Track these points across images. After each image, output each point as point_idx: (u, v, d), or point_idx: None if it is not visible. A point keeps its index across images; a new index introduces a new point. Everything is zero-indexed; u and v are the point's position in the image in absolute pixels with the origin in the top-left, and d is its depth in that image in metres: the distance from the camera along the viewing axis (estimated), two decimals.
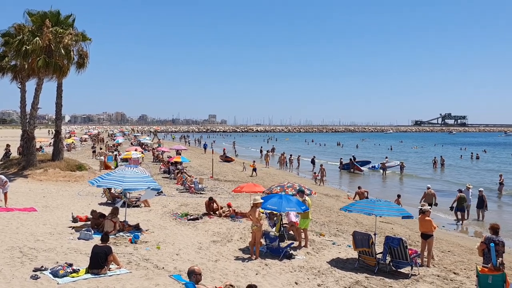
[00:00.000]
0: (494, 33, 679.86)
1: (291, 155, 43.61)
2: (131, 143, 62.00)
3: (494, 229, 9.68)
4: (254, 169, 33.27)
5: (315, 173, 29.25)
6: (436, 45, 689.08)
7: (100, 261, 9.34)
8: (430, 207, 12.61)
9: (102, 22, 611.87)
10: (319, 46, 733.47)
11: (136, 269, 9.84)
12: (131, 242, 12.17)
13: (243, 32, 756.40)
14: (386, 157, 46.24)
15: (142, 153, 37.93)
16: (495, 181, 34.51)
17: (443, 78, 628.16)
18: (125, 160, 32.98)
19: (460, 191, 20.64)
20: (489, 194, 24.49)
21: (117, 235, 12.84)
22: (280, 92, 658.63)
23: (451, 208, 20.48)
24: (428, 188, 21.31)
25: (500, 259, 9.02)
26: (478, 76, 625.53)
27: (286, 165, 42.76)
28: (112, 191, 18.58)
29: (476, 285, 9.06)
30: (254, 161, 35.81)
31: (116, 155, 35.70)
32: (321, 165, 32.62)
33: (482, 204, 20.15)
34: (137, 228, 13.70)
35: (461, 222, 19.90)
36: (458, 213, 20.14)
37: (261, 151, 54.01)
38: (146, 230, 13.66)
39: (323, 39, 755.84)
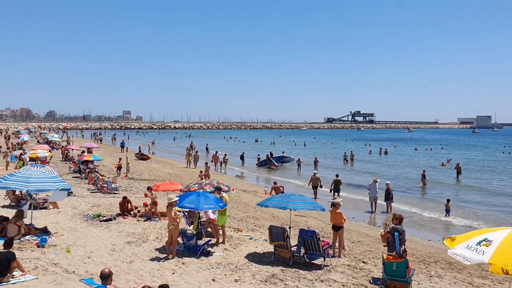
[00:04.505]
0: (398, 34, 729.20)
1: (225, 155, 41.29)
2: (38, 141, 58.40)
3: (399, 219, 10.42)
4: (118, 168, 29.99)
5: (201, 172, 28.65)
6: (346, 46, 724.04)
7: (1, 268, 8.69)
8: (340, 199, 13.22)
9: (6, 17, 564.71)
10: (234, 43, 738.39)
11: (44, 274, 9.29)
12: (38, 246, 11.49)
13: (158, 26, 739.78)
14: (283, 152, 48.69)
15: (50, 151, 35.72)
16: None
17: (353, 77, 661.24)
18: (32, 159, 30.88)
19: (337, 176, 24.65)
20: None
21: (22, 239, 12.04)
22: (199, 89, 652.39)
23: (330, 190, 24.15)
24: (314, 174, 25.83)
25: (403, 247, 9.73)
26: (385, 76, 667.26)
27: (221, 165, 40.23)
28: (17, 192, 17.32)
29: (382, 272, 9.69)
30: (120, 159, 32.01)
31: (21, 154, 33.31)
32: (206, 163, 32.35)
33: (388, 196, 21.49)
34: (44, 231, 12.94)
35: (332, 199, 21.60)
36: (335, 193, 23.25)
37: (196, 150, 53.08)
38: (54, 233, 12.96)
39: (239, 36, 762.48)
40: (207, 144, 61.24)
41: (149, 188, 17.64)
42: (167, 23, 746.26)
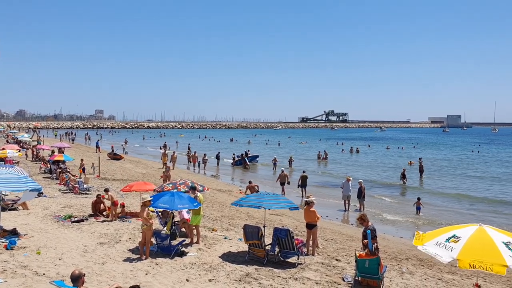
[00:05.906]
0: (371, 35, 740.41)
1: (204, 154, 40.14)
2: (7, 141, 56.87)
3: (366, 219, 10.51)
4: (83, 169, 28.31)
5: (163, 173, 28.36)
6: (320, 46, 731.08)
7: None
8: (314, 197, 13.31)
9: None
10: (208, 42, 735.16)
11: (12, 277, 9.06)
12: (7, 249, 11.20)
13: (130, 25, 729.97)
14: (248, 150, 49.18)
15: (19, 151, 34.83)
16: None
17: (327, 77, 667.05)
18: (0, 159, 30.04)
19: (304, 172, 26.10)
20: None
21: None
22: (173, 88, 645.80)
23: (298, 185, 25.42)
24: (282, 171, 26.86)
25: (375, 244, 9.88)
26: (358, 76, 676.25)
27: (199, 165, 39.20)
28: None
29: (355, 270, 9.83)
30: (82, 160, 30.56)
31: None
32: (165, 164, 31.97)
33: (360, 195, 21.77)
34: (13, 233, 12.61)
35: (305, 197, 21.63)
36: (302, 189, 25.22)
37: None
38: (24, 235, 12.65)
39: (212, 35, 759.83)
40: (189, 144, 60.62)
41: (106, 190, 17.17)
42: (139, 22, 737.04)
